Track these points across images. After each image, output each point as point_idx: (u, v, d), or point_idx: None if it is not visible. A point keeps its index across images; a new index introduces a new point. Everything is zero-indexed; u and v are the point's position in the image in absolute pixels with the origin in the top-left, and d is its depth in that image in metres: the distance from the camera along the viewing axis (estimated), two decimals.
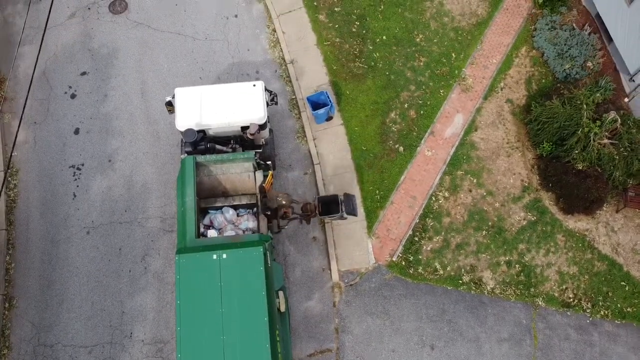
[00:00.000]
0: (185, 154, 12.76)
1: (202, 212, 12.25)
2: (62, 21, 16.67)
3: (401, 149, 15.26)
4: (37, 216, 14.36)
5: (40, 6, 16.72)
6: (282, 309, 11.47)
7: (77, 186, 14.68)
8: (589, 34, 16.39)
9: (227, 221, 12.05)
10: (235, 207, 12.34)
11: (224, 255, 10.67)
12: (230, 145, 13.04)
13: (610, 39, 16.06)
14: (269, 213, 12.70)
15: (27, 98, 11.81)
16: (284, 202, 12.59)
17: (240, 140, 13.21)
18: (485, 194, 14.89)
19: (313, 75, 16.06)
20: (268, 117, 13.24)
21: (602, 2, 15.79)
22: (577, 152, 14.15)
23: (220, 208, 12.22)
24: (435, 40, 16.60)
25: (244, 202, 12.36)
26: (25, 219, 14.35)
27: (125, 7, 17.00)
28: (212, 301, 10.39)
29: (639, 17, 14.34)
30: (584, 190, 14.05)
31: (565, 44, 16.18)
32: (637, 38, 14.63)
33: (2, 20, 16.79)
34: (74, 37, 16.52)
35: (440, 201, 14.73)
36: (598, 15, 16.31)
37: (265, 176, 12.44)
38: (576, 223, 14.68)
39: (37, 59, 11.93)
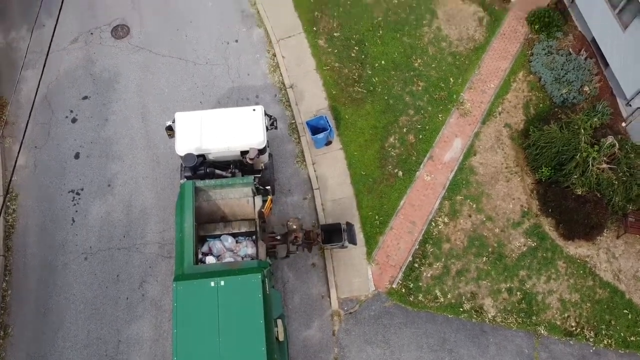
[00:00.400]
0: (185, 179, 12.78)
1: (200, 240, 12.21)
2: (65, 46, 16.85)
3: (400, 173, 15.28)
4: (35, 242, 14.31)
5: (44, 31, 16.91)
6: (281, 338, 11.34)
7: (76, 211, 14.66)
8: (585, 58, 16.54)
9: (226, 248, 12.00)
10: (234, 235, 12.30)
11: (222, 283, 10.60)
12: (229, 170, 13.05)
13: (606, 64, 16.19)
14: (278, 238, 12.66)
15: (28, 122, 11.81)
16: (294, 227, 12.58)
17: (239, 165, 13.24)
18: (484, 219, 14.85)
19: (312, 99, 16.16)
20: (268, 141, 13.30)
21: (597, 27, 15.96)
22: (576, 177, 14.15)
23: (219, 236, 12.18)
24: (433, 65, 16.74)
25: (243, 230, 12.33)
26: (23, 244, 14.29)
27: (127, 32, 17.19)
28: (209, 330, 10.28)
29: (633, 43, 14.50)
30: (584, 215, 14.02)
31: (562, 69, 16.32)
32: (632, 63, 14.76)
33: (5, 45, 16.97)
34: (76, 61, 16.68)
35: (439, 227, 14.69)
36: (594, 40, 16.48)
37: (264, 201, 12.42)
38: (577, 249, 14.61)
39: (39, 83, 11.99)
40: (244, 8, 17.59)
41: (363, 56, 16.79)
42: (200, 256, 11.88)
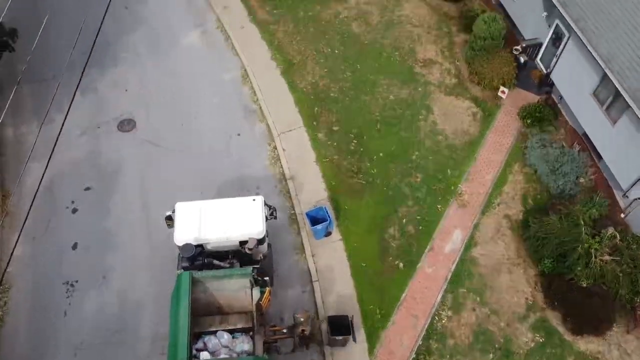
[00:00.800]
0: (182, 269, 12.59)
1: (196, 336, 11.77)
2: (73, 138, 17.35)
3: (401, 265, 15.08)
4: (25, 336, 13.77)
5: (53, 126, 17.40)
6: None
7: (69, 304, 14.27)
8: (579, 151, 16.97)
9: (222, 345, 11.53)
10: (230, 331, 11.87)
11: None
12: (228, 261, 12.90)
13: (600, 156, 16.58)
14: (284, 331, 12.20)
15: (28, 213, 11.87)
16: (302, 320, 12.19)
17: (238, 255, 13.10)
18: (489, 312, 14.42)
19: (312, 190, 16.36)
20: (267, 231, 13.27)
21: (587, 122, 16.52)
22: (579, 269, 13.95)
23: (215, 332, 11.76)
24: (430, 158, 17.14)
25: (240, 326, 11.92)
26: (12, 340, 13.75)
27: (133, 125, 17.81)
28: None
29: (623, 137, 14.92)
30: (591, 309, 13.64)
31: (556, 161, 16.68)
32: (624, 156, 15.11)
33: (15, 140, 17.49)
34: (81, 153, 17.10)
35: (443, 320, 14.23)
36: (585, 134, 17.00)
37: (262, 292, 12.15)
38: (587, 345, 14.03)
39: (43, 175, 12.18)
40: (247, 104, 18.36)
41: (362, 149, 17.25)
42: (194, 352, 11.38)
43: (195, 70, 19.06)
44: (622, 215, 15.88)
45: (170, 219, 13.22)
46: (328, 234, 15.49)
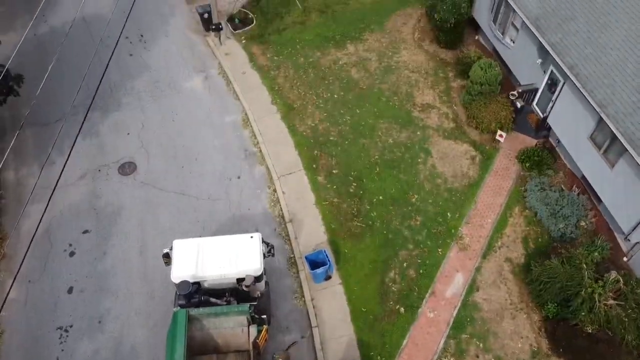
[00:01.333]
0: (178, 307, 12.43)
1: None
2: (73, 181, 17.41)
3: (402, 310, 14.80)
4: None
5: (54, 168, 17.56)
6: None
7: (62, 350, 13.92)
8: (578, 194, 16.98)
9: None
10: None
11: None
12: (225, 298, 12.77)
13: (599, 199, 16.57)
14: None
15: (25, 256, 11.78)
16: None
17: (235, 293, 12.96)
18: (493, 359, 14.04)
19: (312, 233, 16.26)
20: (265, 269, 13.19)
21: (586, 166, 16.61)
22: (583, 313, 13.69)
23: None
24: (430, 200, 17.13)
25: None
26: None
27: (134, 168, 17.90)
28: None
29: (622, 180, 14.97)
30: (597, 356, 13.29)
31: (556, 204, 16.67)
32: (624, 200, 15.11)
33: (16, 182, 17.54)
34: (81, 196, 17.11)
35: None
36: (584, 178, 17.06)
37: (259, 331, 11.96)
38: None
39: (42, 217, 12.13)
40: (247, 147, 18.53)
41: (361, 192, 17.27)
42: None
43: (196, 114, 19.35)
44: (625, 259, 15.73)
45: (167, 257, 13.24)
46: (328, 277, 15.29)
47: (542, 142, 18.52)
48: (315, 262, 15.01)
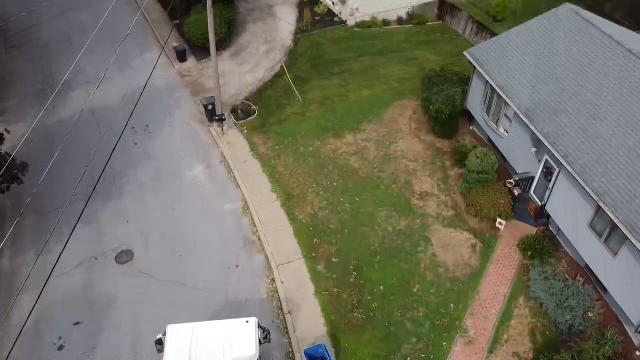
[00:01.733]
0: None
1: None
2: (68, 270, 17.10)
3: None
4: None
5: (50, 257, 17.23)
6: None
7: None
8: (583, 284, 16.60)
9: None
10: None
11: None
12: None
13: (605, 289, 16.17)
14: None
15: (10, 351, 11.26)
16: None
17: None
18: None
19: (311, 326, 15.71)
20: (260, 355, 12.76)
21: (588, 255, 16.39)
22: None
23: None
24: (432, 291, 16.73)
25: None
26: None
27: (131, 257, 17.67)
28: None
29: (627, 269, 14.68)
30: None
31: (561, 295, 16.24)
32: (630, 290, 14.72)
33: (10, 270, 17.24)
34: (75, 286, 16.73)
35: None
36: (588, 267, 16.77)
37: None
38: None
39: (33, 308, 11.77)
40: (246, 234, 18.43)
41: (361, 281, 16.92)
42: None
43: (197, 202, 19.47)
44: (638, 353, 15.05)
45: (160, 343, 12.76)
46: None
47: (543, 230, 18.45)
48: (314, 357, 14.34)
